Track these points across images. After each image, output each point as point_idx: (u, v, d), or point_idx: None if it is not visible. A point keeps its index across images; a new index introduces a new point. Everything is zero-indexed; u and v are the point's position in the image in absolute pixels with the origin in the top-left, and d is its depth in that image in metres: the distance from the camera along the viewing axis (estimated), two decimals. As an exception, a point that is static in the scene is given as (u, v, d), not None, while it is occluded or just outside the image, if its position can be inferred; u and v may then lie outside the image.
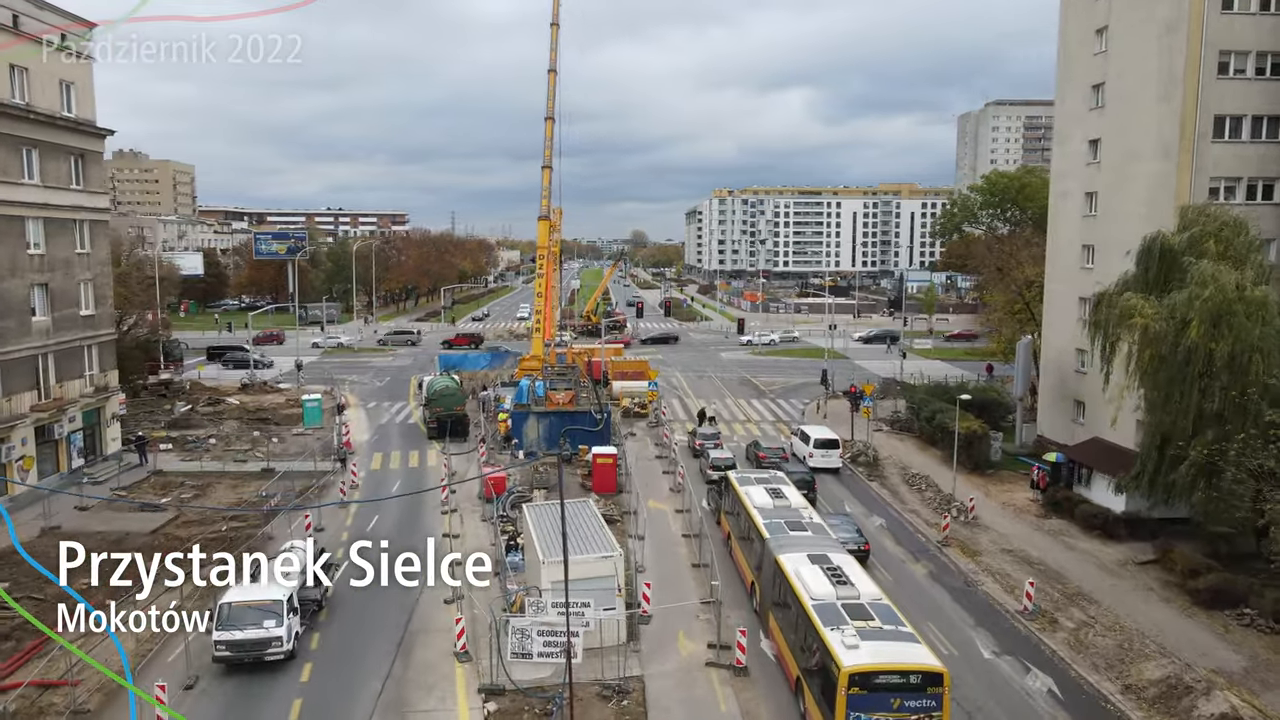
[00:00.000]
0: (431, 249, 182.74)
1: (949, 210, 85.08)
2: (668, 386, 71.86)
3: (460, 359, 77.60)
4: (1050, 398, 50.64)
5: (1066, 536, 35.83)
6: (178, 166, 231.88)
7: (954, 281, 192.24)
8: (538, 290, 62.95)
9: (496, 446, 50.27)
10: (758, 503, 30.46)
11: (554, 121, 64.11)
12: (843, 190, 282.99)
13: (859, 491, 43.30)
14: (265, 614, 24.65)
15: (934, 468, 46.89)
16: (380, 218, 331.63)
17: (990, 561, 33.15)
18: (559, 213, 66.13)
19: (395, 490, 43.16)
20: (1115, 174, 44.10)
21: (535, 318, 62.90)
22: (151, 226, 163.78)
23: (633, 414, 59.14)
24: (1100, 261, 45.43)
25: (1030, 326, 58.69)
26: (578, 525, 28.52)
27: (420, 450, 51.00)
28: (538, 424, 48.79)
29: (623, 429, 55.11)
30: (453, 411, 52.78)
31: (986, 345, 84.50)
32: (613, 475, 41.74)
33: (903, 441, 52.83)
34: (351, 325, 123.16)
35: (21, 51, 40.06)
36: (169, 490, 42.95)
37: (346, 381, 75.11)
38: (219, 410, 61.39)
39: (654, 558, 33.28)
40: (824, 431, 47.70)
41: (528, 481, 43.10)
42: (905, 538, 36.51)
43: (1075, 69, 48.13)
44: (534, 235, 64.74)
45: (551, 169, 63.71)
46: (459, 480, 43.39)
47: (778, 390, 71.48)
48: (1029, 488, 41.64)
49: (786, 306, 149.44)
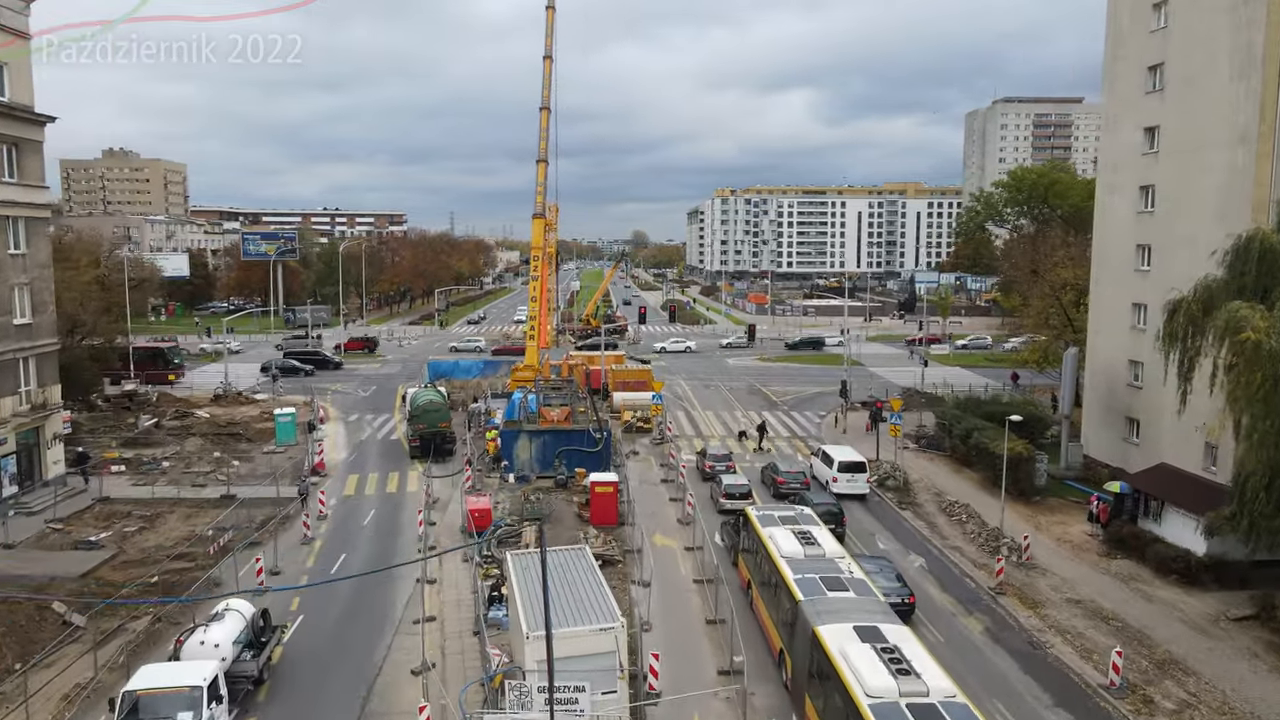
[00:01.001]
0: (427, 250, 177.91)
1: (971, 208, 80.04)
2: (671, 397, 66.93)
3: (451, 367, 72.75)
4: (1097, 413, 45.77)
5: (1139, 582, 30.92)
6: (169, 165, 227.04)
7: (963, 283, 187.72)
8: (532, 294, 58.11)
9: (484, 468, 45.41)
10: (785, 551, 25.58)
11: (550, 112, 59.47)
12: (847, 190, 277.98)
13: (891, 522, 38.41)
14: (179, 704, 19.74)
15: (972, 493, 42.00)
16: (377, 218, 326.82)
17: (1056, 615, 28.26)
18: (555, 210, 61.36)
19: (368, 522, 38.24)
20: (1178, 165, 39.21)
21: (529, 324, 58.04)
22: (138, 226, 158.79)
23: (635, 429, 54.27)
24: (1159, 263, 40.57)
25: (1067, 333, 53.84)
26: (571, 583, 23.65)
27: (401, 471, 46.12)
28: (530, 444, 43.92)
29: (624, 446, 50.28)
30: (437, 429, 47.89)
31: (1011, 351, 79.78)
32: (613, 506, 36.87)
33: (933, 462, 47.94)
34: (340, 330, 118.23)
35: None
36: (113, 522, 38.07)
37: (329, 391, 70.27)
38: (186, 424, 56.55)
39: (662, 611, 28.42)
40: (849, 453, 42.83)
41: (518, 511, 38.23)
42: (951, 583, 31.62)
43: (1128, 48, 43.24)
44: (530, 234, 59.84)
45: (547, 163, 58.98)
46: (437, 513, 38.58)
47: (791, 401, 66.61)
48: (1087, 520, 36.71)
49: (793, 309, 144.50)
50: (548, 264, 58.99)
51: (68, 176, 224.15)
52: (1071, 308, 53.68)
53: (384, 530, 37.06)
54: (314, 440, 49.24)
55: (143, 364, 72.38)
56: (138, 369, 70.71)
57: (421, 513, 35.89)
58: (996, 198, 78.06)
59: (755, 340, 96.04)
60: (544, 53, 60.04)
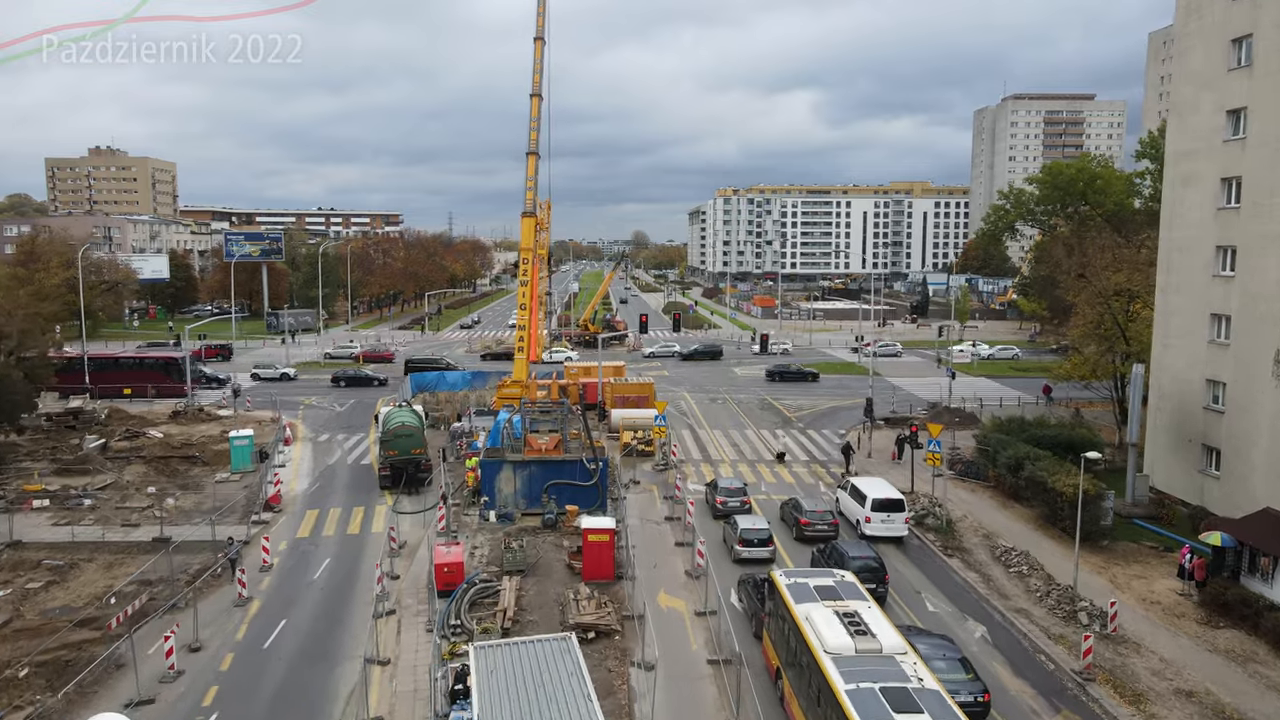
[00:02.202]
0: (420, 251, 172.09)
1: (999, 207, 74.17)
2: (675, 412, 61.14)
3: (436, 379, 66.75)
4: (1165, 440, 39.99)
5: (1258, 664, 25.10)
6: (157, 164, 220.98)
7: (975, 285, 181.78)
8: (521, 301, 52.34)
9: (463, 503, 39.58)
10: (831, 644, 19.74)
11: (541, 100, 53.73)
12: (852, 189, 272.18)
13: (937, 574, 32.57)
14: None
15: (1026, 535, 36.16)
16: (373, 218, 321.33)
17: (1166, 715, 22.40)
18: (548, 208, 55.56)
19: (320, 575, 32.37)
20: (1273, 153, 33.38)
21: (518, 334, 52.25)
22: (120, 226, 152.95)
23: (636, 452, 48.45)
24: (1247, 267, 34.76)
25: (1120, 345, 48.05)
26: (550, 695, 17.83)
27: (368, 506, 40.28)
28: (514, 476, 38.08)
29: (623, 474, 44.50)
30: (410, 456, 42.04)
31: (1048, 361, 73.90)
32: (609, 557, 31.04)
33: (974, 493, 42.11)
34: (326, 335, 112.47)
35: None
36: (18, 574, 32.28)
37: (301, 405, 64.51)
38: (136, 446, 50.77)
39: (669, 709, 22.58)
40: (883, 487, 36.98)
41: (497, 560, 32.43)
42: (1025, 662, 25.76)
43: (1204, 19, 37.41)
44: None
45: (538, 156, 53.26)
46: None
47: (806, 417, 60.77)
48: (1177, 576, 30.81)
49: (799, 312, 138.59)
50: (539, 266, 53.20)
51: (53, 175, 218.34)
52: (1122, 316, 47.89)
53: (337, 586, 31.21)
54: (269, 469, 43.23)
55: (152, 375, 67.06)
56: (149, 381, 65.72)
57: (380, 566, 30.03)
58: (1028, 195, 72.21)
59: (767, 350, 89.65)
60: (535, 34, 54.38)
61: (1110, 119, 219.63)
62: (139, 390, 64.33)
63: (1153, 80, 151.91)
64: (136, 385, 65.19)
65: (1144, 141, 63.90)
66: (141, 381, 65.83)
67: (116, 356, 68.70)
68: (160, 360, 70.11)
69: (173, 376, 67.04)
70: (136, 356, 70.37)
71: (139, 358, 70.03)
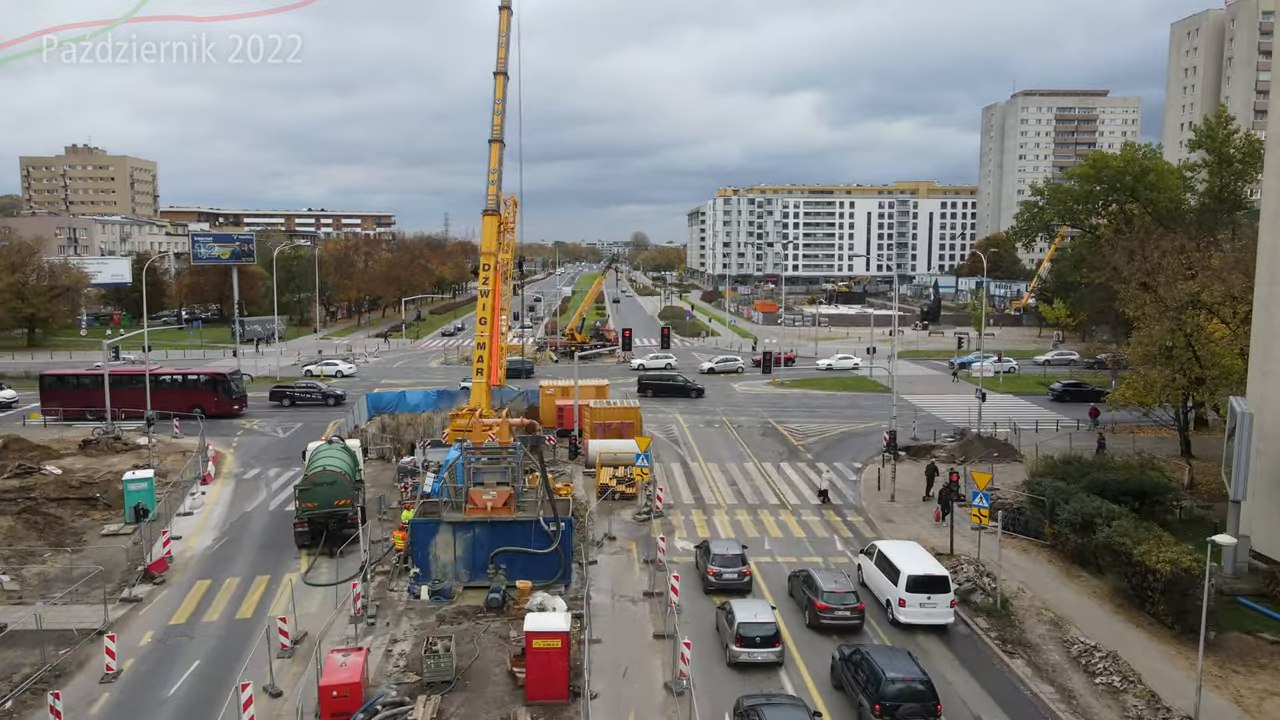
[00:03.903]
0: (405, 253, 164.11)
1: (1031, 204, 66.23)
2: (664, 439, 53.34)
3: (396, 399, 58.94)
4: (1268, 491, 32.07)
5: None
6: (136, 163, 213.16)
7: (985, 288, 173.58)
8: (480, 315, 44.48)
9: (392, 571, 31.71)
10: None
11: (507, 78, 45.95)
12: (856, 189, 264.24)
13: (997, 685, 24.61)
14: None
15: (1103, 620, 28.23)
16: (365, 219, 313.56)
17: None
18: (514, 205, 47.65)
19: (178, 690, 24.26)
20: None
21: (476, 352, 44.37)
22: (87, 227, 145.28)
23: (614, 495, 40.59)
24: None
25: (1192, 368, 40.23)
26: None
27: (275, 573, 32.37)
28: (453, 541, 30.18)
29: (597, 526, 36.67)
30: (333, 508, 34.11)
31: (1072, 369, 65.79)
32: (560, 667, 23.13)
33: (1027, 554, 34.18)
34: (293, 344, 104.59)
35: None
36: None
37: (241, 429, 56.67)
38: (27, 485, 43.03)
39: None
40: (919, 557, 29.13)
41: (416, 664, 24.56)
42: None
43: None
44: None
45: (503, 143, 45.43)
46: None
47: (815, 444, 52.88)
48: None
49: (804, 318, 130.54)
50: (503, 276, 45.30)
51: (28, 174, 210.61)
52: (1196, 334, 40.09)
53: (196, 709, 23.22)
54: (149, 529, 34.87)
55: (202, 394, 59.42)
56: (197, 399, 58.20)
57: (249, 689, 22.03)
58: (1066, 191, 64.28)
59: (770, 370, 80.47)
60: (499, 2, 46.67)
61: (1125, 115, 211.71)
62: (185, 413, 56.47)
63: (1175, 73, 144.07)
64: (177, 406, 57.34)
65: (1199, 130, 56.09)
66: (187, 403, 57.99)
67: (159, 373, 61.14)
68: (211, 377, 61.80)
69: (218, 393, 59.87)
70: (179, 373, 62.78)
71: (181, 374, 62.32)
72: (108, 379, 54.06)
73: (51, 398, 59.36)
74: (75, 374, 62.62)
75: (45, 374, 61.66)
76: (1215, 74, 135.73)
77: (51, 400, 59.28)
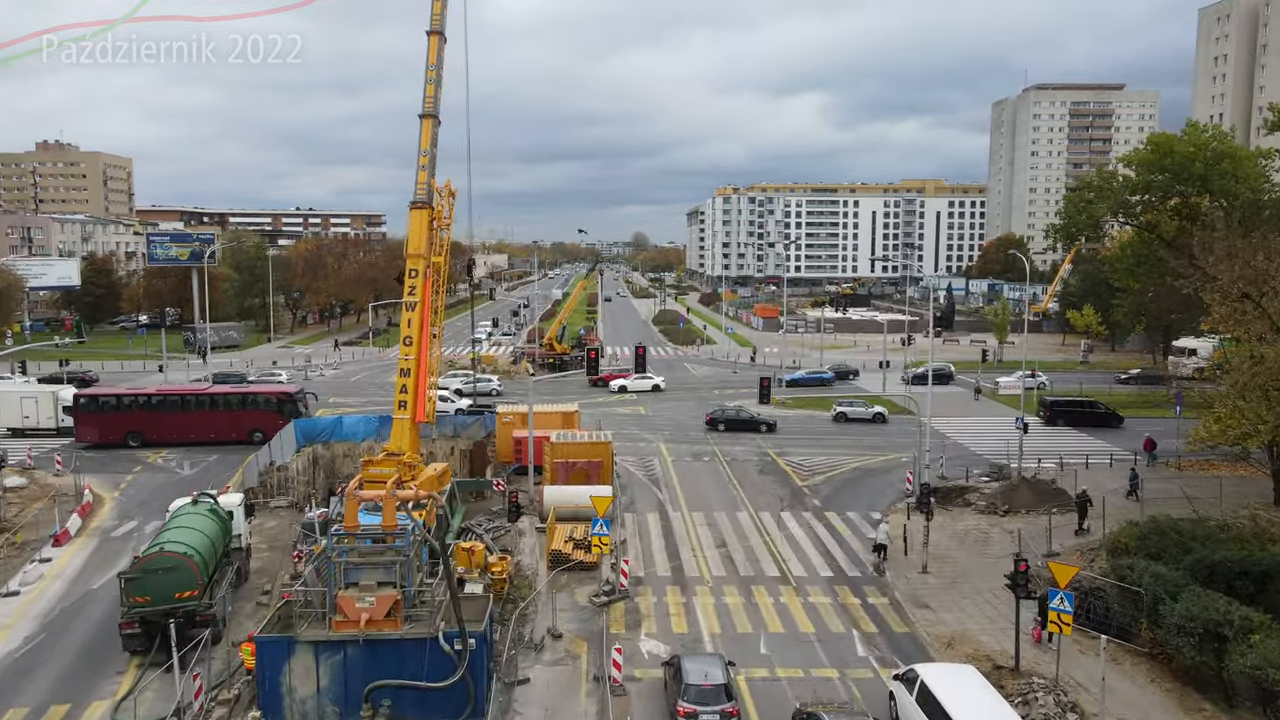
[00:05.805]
0: (386, 254, 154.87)
1: (1078, 195, 57.10)
2: (642, 479, 44.45)
3: (331, 425, 49.88)
4: None
5: None
6: (110, 160, 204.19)
7: (999, 291, 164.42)
8: (405, 333, 35.47)
9: (238, 702, 22.67)
10: None
11: (443, 39, 36.70)
12: (860, 187, 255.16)
13: None
14: None
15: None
16: (354, 219, 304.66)
17: None
18: (450, 196, 38.20)
19: None
20: None
21: (399, 381, 35.35)
22: (44, 226, 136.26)
23: (569, 563, 31.53)
24: None
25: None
26: None
27: (82, 700, 23.38)
28: (315, 668, 21.18)
29: (541, 615, 27.72)
30: (174, 603, 25.04)
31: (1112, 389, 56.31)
32: None
33: (1118, 664, 25.03)
34: (250, 352, 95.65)
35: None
36: None
37: (144, 463, 47.76)
38: None
39: None
40: (979, 695, 20.15)
41: None
42: None
43: None
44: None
45: (437, 119, 36.36)
46: None
47: (824, 488, 43.83)
48: None
49: (807, 323, 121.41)
50: (434, 281, 36.17)
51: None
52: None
53: None
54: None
55: (268, 415, 51.52)
56: (259, 422, 50.75)
57: None
58: (1122, 182, 55.24)
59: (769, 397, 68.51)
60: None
61: (1142, 110, 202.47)
62: (244, 438, 50.02)
63: (1204, 63, 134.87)
64: (234, 431, 50.88)
65: (1276, 108, 47.20)
66: (247, 426, 51.06)
67: (214, 392, 54.24)
68: (275, 396, 53.61)
69: (284, 413, 51.50)
70: (239, 392, 54.84)
71: (241, 394, 54.45)
72: (153, 401, 49.21)
73: (88, 422, 51.26)
74: (116, 393, 54.76)
75: (79, 394, 53.80)
76: (1248, 62, 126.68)
77: (88, 425, 51.22)
